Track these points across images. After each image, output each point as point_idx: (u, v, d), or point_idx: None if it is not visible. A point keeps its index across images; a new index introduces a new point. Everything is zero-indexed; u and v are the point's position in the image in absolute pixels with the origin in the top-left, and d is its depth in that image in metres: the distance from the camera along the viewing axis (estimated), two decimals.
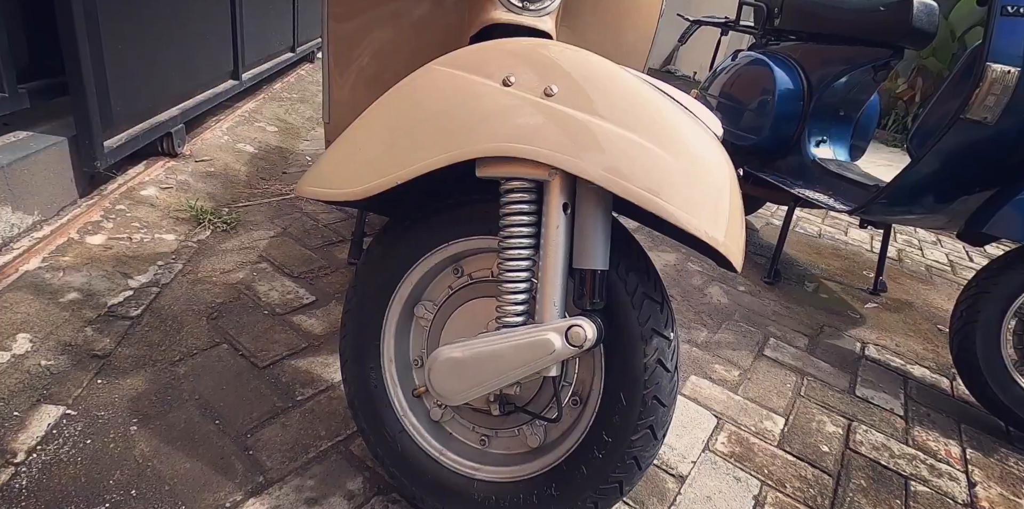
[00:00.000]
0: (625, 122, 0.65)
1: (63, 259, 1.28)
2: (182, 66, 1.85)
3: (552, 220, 0.69)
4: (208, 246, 1.48)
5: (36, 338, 1.07)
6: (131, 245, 1.39)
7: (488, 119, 0.68)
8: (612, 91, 0.68)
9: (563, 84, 0.68)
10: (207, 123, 2.21)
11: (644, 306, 0.73)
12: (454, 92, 0.70)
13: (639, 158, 0.64)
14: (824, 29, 2.10)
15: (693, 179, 0.65)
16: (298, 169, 2.09)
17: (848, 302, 2.03)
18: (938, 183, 1.61)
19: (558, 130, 0.66)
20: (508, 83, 0.69)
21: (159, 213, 1.55)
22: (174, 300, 1.27)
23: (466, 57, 0.73)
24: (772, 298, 1.92)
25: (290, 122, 2.56)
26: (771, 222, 2.69)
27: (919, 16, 1.81)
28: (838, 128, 2.15)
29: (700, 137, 0.68)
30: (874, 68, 2.01)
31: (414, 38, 1.00)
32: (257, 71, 2.53)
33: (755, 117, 2.16)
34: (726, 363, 1.49)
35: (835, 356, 1.64)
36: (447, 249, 0.83)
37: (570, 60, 0.70)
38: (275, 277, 1.42)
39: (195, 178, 1.79)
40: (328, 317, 1.32)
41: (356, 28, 1.01)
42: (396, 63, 1.01)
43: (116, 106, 1.50)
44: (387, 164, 0.71)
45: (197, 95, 1.98)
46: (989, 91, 1.44)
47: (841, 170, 2.00)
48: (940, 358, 1.75)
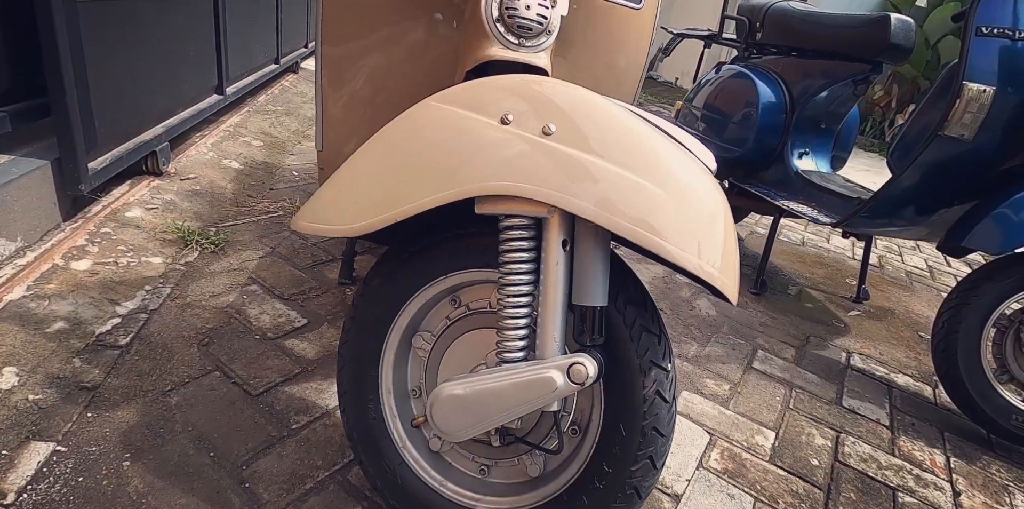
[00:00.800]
0: (622, 161, 0.66)
1: (48, 287, 1.26)
2: (166, 83, 1.83)
3: (551, 257, 0.70)
4: (196, 268, 1.47)
5: (23, 371, 1.05)
6: (117, 270, 1.37)
7: (487, 157, 0.68)
8: (609, 129, 0.69)
9: (561, 123, 0.69)
10: (192, 139, 2.19)
11: (642, 339, 0.74)
12: (452, 129, 0.71)
13: (636, 196, 0.65)
14: (805, 44, 2.14)
15: (688, 216, 0.66)
16: (285, 185, 2.07)
17: (832, 311, 2.07)
18: (918, 197, 1.65)
19: (557, 169, 0.66)
20: (506, 121, 0.70)
21: (145, 235, 1.53)
22: (163, 327, 1.25)
23: (464, 94, 0.73)
24: (759, 309, 1.95)
25: (275, 136, 2.54)
26: (756, 231, 2.73)
27: (896, 32, 1.85)
28: (820, 140, 2.19)
29: (694, 173, 0.70)
30: (854, 82, 2.05)
31: (408, 64, 1.00)
32: (242, 84, 2.51)
33: (739, 129, 2.19)
34: (716, 377, 1.51)
35: (822, 367, 1.67)
36: (445, 281, 0.84)
37: (567, 98, 0.71)
38: (265, 300, 1.41)
39: (181, 197, 1.77)
40: (320, 340, 1.31)
41: (350, 53, 1.00)
42: (390, 89, 1.02)
43: (100, 127, 1.48)
44: (385, 201, 0.71)
45: (181, 112, 1.96)
46: (966, 109, 1.48)
47: (823, 182, 2.04)
48: (923, 366, 1.79)
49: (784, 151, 2.16)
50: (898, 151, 1.71)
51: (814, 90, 2.10)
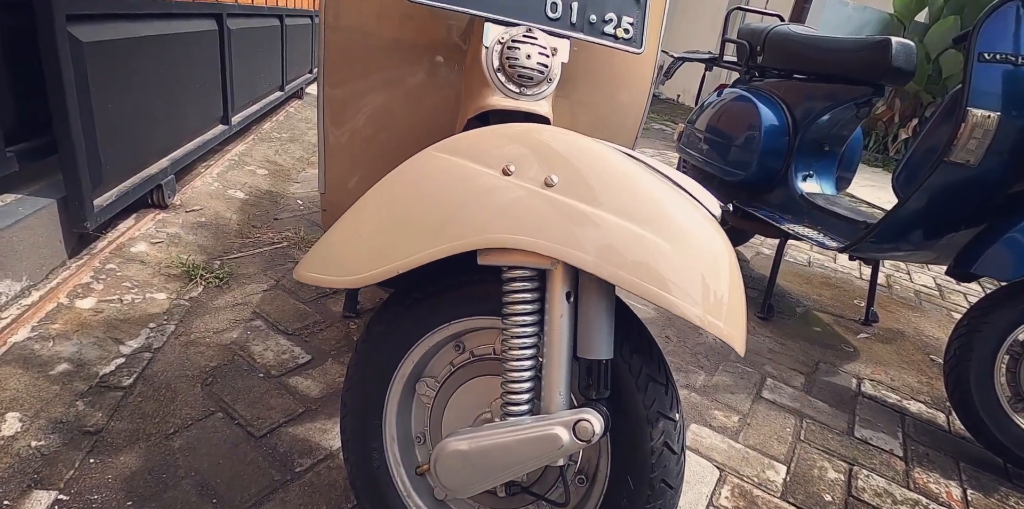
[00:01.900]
0: (625, 212, 0.66)
1: (53, 327, 1.26)
2: (171, 116, 1.85)
3: (555, 309, 0.69)
4: (200, 304, 1.47)
5: (26, 417, 1.05)
6: (122, 307, 1.37)
7: (489, 209, 0.68)
8: (611, 179, 0.68)
9: (563, 174, 0.68)
10: (197, 169, 2.20)
11: (649, 389, 0.73)
12: (454, 180, 0.71)
13: (638, 249, 0.64)
14: (806, 68, 2.14)
15: (692, 267, 0.65)
16: (289, 214, 2.08)
17: (841, 334, 2.04)
18: (925, 221, 1.64)
19: (559, 221, 0.66)
20: (508, 172, 0.69)
21: (150, 270, 1.53)
22: (167, 366, 1.25)
23: (465, 144, 0.73)
24: (767, 334, 1.93)
25: (280, 163, 2.56)
26: (761, 251, 2.72)
27: (898, 56, 1.85)
28: (824, 162, 2.19)
29: (697, 222, 0.69)
30: (856, 105, 2.05)
31: (410, 107, 1.01)
32: (247, 113, 2.53)
33: (742, 152, 2.19)
34: (725, 408, 1.48)
35: (832, 394, 1.64)
36: (449, 328, 0.83)
37: (568, 147, 0.71)
38: (269, 335, 1.40)
39: (186, 230, 1.77)
40: (324, 377, 1.30)
41: (352, 95, 1.01)
42: (392, 131, 1.02)
43: (106, 163, 1.49)
44: (387, 253, 0.71)
45: (187, 144, 1.97)
46: (971, 135, 1.47)
47: (829, 205, 2.03)
48: (935, 391, 1.76)
49: (788, 174, 2.15)
50: (903, 175, 1.70)
51: (816, 113, 2.10)
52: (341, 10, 0.95)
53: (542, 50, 0.76)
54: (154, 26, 1.68)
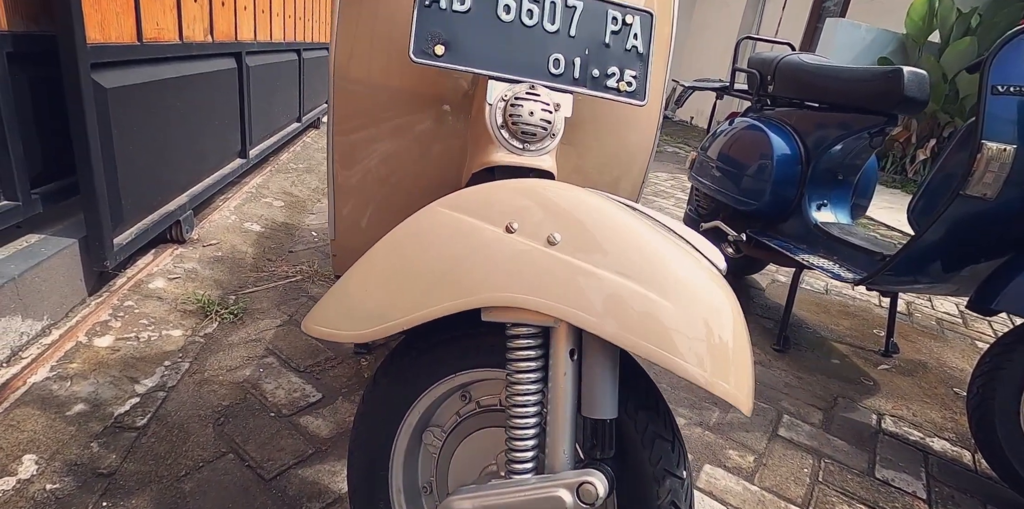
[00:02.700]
0: (627, 271, 0.66)
1: (71, 366, 1.28)
2: (191, 152, 1.90)
3: (559, 367, 0.69)
4: (215, 340, 1.48)
5: (42, 459, 1.06)
6: (138, 345, 1.39)
7: (492, 268, 0.68)
8: (613, 237, 0.69)
9: (565, 232, 0.69)
10: (215, 203, 2.25)
11: (655, 446, 0.72)
12: (457, 237, 0.71)
13: (641, 309, 0.64)
14: (817, 97, 2.14)
15: (695, 327, 0.65)
16: (303, 247, 2.11)
17: (860, 367, 2.00)
18: (943, 254, 1.61)
19: (561, 281, 0.66)
20: (511, 229, 0.70)
21: (167, 307, 1.56)
22: (180, 405, 1.26)
23: (469, 200, 0.74)
24: (783, 367, 1.89)
25: (296, 195, 2.60)
26: (777, 279, 2.69)
27: (910, 85, 1.84)
28: (838, 192, 2.17)
29: (701, 279, 0.69)
30: (870, 134, 2.03)
31: (418, 154, 1.02)
32: (264, 146, 2.59)
33: (754, 182, 2.18)
34: (740, 447, 1.46)
35: (851, 432, 1.60)
36: (455, 379, 0.83)
37: (571, 204, 0.71)
38: (281, 373, 1.41)
39: (202, 265, 1.81)
40: (335, 416, 1.31)
41: (360, 142, 1.03)
42: (401, 179, 1.03)
43: (126, 203, 1.53)
44: (392, 309, 0.72)
45: (206, 179, 2.02)
46: (987, 168, 1.45)
47: (844, 235, 2.00)
48: (960, 427, 1.71)
49: (802, 203, 2.13)
50: (919, 207, 1.68)
51: (829, 142, 2.09)
52: (351, 61, 0.98)
53: (545, 106, 0.78)
54: (175, 68, 1.74)
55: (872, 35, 5.30)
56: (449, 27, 0.75)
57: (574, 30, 0.80)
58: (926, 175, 1.69)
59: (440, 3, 0.75)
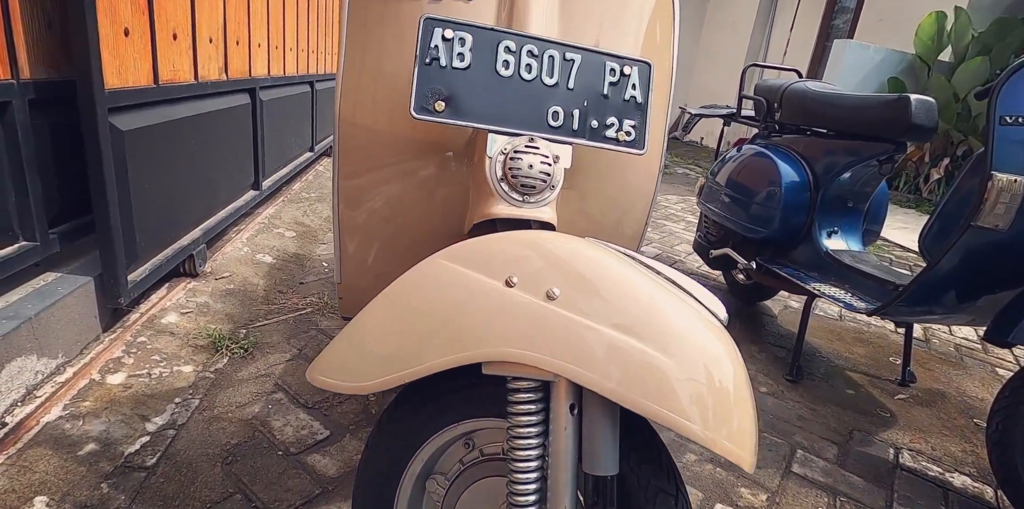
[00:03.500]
0: (626, 326, 0.66)
1: (84, 405, 1.30)
2: (204, 187, 1.94)
3: (559, 422, 0.69)
4: (225, 375, 1.50)
5: (53, 501, 1.07)
6: (150, 382, 1.41)
7: (492, 322, 0.69)
8: (613, 291, 0.69)
9: (564, 286, 0.69)
10: (228, 235, 2.29)
11: (658, 501, 0.71)
12: (458, 291, 0.72)
13: (640, 365, 0.64)
14: (825, 125, 2.14)
15: (696, 384, 0.65)
16: (314, 278, 2.13)
17: (876, 397, 1.96)
18: (957, 285, 1.59)
19: (560, 336, 0.66)
20: (511, 283, 0.71)
21: (179, 342, 1.58)
22: (190, 443, 1.27)
23: (469, 252, 0.75)
24: (796, 399, 1.86)
25: (308, 225, 2.64)
26: (789, 305, 2.66)
27: (918, 113, 1.83)
28: (848, 219, 2.15)
29: (702, 334, 0.69)
30: (879, 162, 2.02)
31: (422, 198, 1.04)
32: (277, 177, 2.64)
33: (763, 209, 2.17)
34: (752, 485, 1.43)
35: (868, 467, 1.57)
36: (458, 427, 0.83)
37: (571, 257, 0.72)
38: (290, 409, 1.42)
39: (214, 298, 1.83)
40: (342, 454, 1.31)
41: (365, 186, 1.04)
42: (405, 223, 1.05)
43: (140, 240, 1.56)
44: (394, 362, 0.72)
45: (219, 212, 2.06)
46: (997, 200, 1.44)
47: (856, 263, 1.98)
48: (980, 461, 1.67)
49: (812, 230, 2.12)
50: (930, 237, 1.66)
51: (838, 169, 2.08)
52: (356, 108, 1.00)
53: (544, 159, 0.79)
54: (190, 107, 1.79)
55: (881, 56, 5.30)
56: (449, 84, 0.77)
57: (572, 83, 0.81)
58: (937, 204, 1.67)
59: (440, 61, 0.77)
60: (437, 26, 0.77)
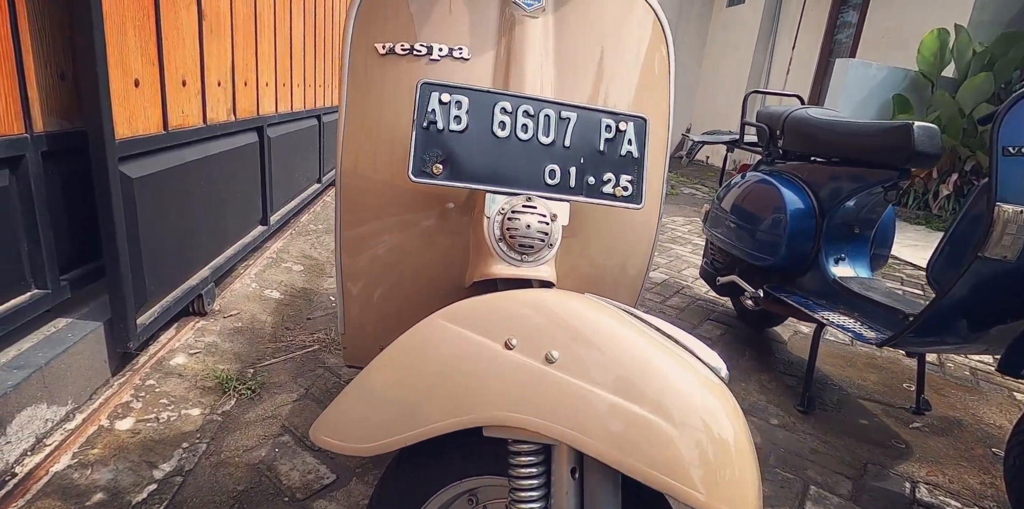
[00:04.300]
0: (626, 390, 0.66)
1: (92, 452, 1.30)
2: (213, 226, 1.97)
3: (560, 486, 0.69)
4: (232, 418, 1.50)
5: None
6: (158, 427, 1.42)
7: (491, 386, 0.69)
8: (612, 353, 0.69)
9: (564, 349, 0.69)
10: (236, 270, 2.31)
11: None
12: (458, 353, 0.73)
13: (641, 433, 0.64)
14: (827, 153, 2.15)
15: (695, 449, 0.64)
16: (322, 313, 2.14)
17: (891, 427, 1.93)
18: (968, 315, 1.57)
19: (560, 401, 0.66)
20: (510, 346, 0.71)
21: (187, 384, 1.58)
22: (197, 490, 1.27)
23: (469, 313, 0.76)
24: (808, 431, 1.84)
25: (315, 258, 2.66)
26: (800, 331, 2.63)
27: (921, 140, 1.82)
28: (855, 245, 2.14)
29: (703, 395, 0.68)
30: (884, 188, 2.01)
31: (423, 248, 1.05)
32: (285, 211, 2.67)
33: (769, 237, 2.17)
34: None
35: (884, 503, 1.53)
36: (461, 485, 0.83)
37: (570, 318, 0.72)
38: (296, 452, 1.42)
39: (222, 337, 1.85)
40: (348, 499, 1.30)
41: (367, 236, 1.06)
42: (407, 273, 1.05)
43: (150, 283, 1.58)
44: (395, 425, 0.73)
45: (227, 250, 2.08)
46: (1004, 231, 1.43)
47: (864, 290, 1.96)
48: (1001, 494, 1.63)
49: (819, 258, 2.11)
50: (938, 267, 1.65)
51: (843, 197, 2.08)
52: (358, 160, 1.02)
53: (541, 218, 0.80)
54: (199, 149, 1.82)
55: (883, 74, 5.32)
56: (446, 146, 0.79)
57: (569, 140, 0.83)
58: (944, 233, 1.66)
59: (437, 124, 0.78)
60: (434, 90, 0.79)
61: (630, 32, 0.99)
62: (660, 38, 1.00)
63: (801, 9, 7.22)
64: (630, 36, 0.99)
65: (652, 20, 1.01)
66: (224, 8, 1.94)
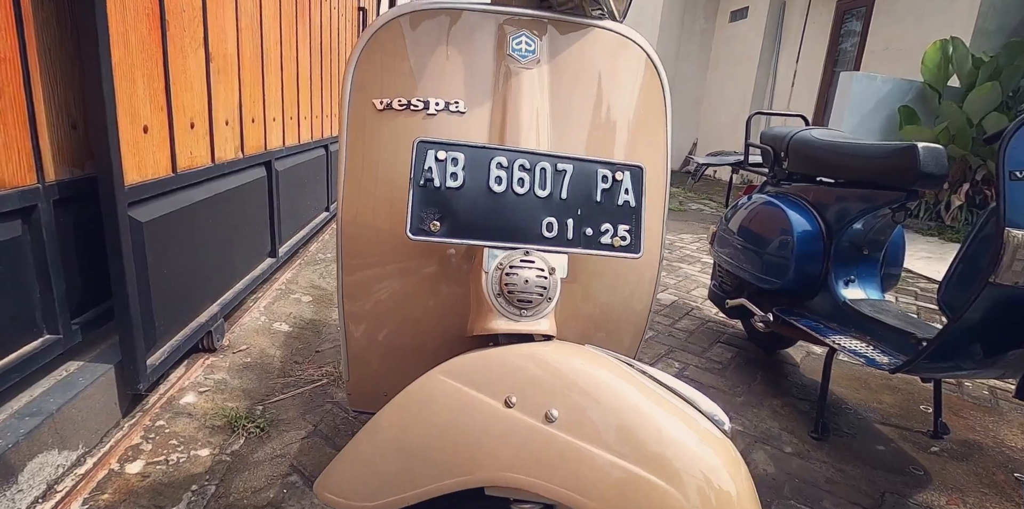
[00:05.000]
0: (625, 451, 0.66)
1: (102, 498, 1.31)
2: (222, 262, 1.99)
3: None
4: (241, 458, 1.50)
5: None
6: (167, 469, 1.42)
7: (492, 446, 0.69)
8: (612, 410, 0.69)
9: (563, 407, 0.70)
10: (246, 304, 2.33)
11: None
12: (458, 411, 0.73)
13: (641, 493, 0.64)
14: (832, 174, 2.14)
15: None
16: (330, 345, 2.15)
17: (908, 452, 1.89)
18: (982, 340, 1.54)
19: (559, 462, 0.66)
20: (510, 404, 0.71)
21: (196, 424, 1.59)
22: None
23: (469, 369, 0.76)
24: (823, 459, 1.81)
25: (324, 288, 2.68)
26: (812, 352, 2.60)
27: (926, 162, 1.81)
28: (865, 267, 2.12)
29: (704, 450, 0.68)
30: (891, 209, 2.00)
31: (424, 294, 1.05)
32: (293, 242, 2.70)
33: (777, 260, 2.16)
34: None
35: None
36: None
37: (569, 373, 0.73)
38: (304, 493, 1.41)
39: (232, 374, 1.86)
40: None
41: (369, 282, 1.06)
42: (410, 319, 1.06)
43: (159, 324, 1.60)
44: (397, 483, 0.73)
45: (236, 285, 2.11)
46: (1015, 257, 1.41)
47: (875, 313, 1.94)
48: None
49: (828, 280, 2.09)
50: (948, 292, 1.63)
51: (850, 218, 2.06)
52: (358, 210, 1.03)
53: (540, 273, 0.80)
54: (208, 188, 1.85)
55: (888, 86, 5.31)
56: (444, 203, 0.80)
57: (565, 193, 0.83)
58: (954, 258, 1.64)
59: (434, 182, 0.79)
60: (430, 148, 0.80)
61: (625, 78, 1.00)
62: (655, 82, 1.01)
63: (804, 22, 7.25)
64: (625, 82, 1.00)
65: (646, 64, 1.02)
66: (231, 49, 1.98)
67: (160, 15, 1.55)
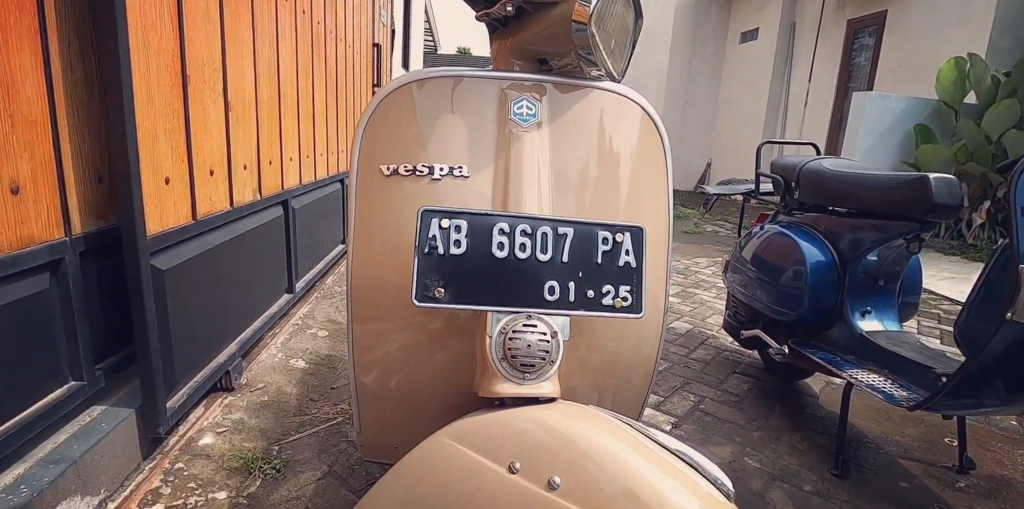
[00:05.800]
0: None
1: None
2: (240, 301, 2.03)
3: None
4: (257, 500, 1.52)
5: None
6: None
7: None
8: (615, 476, 0.70)
9: (566, 474, 0.71)
10: (263, 340, 2.37)
11: None
12: (462, 477, 0.75)
13: None
14: (844, 205, 2.13)
15: None
16: (345, 381, 2.18)
17: (933, 489, 1.85)
18: (1003, 377, 1.52)
19: None
20: (513, 470, 0.72)
21: (214, 466, 1.62)
22: None
23: (473, 433, 0.78)
24: (843, 497, 1.77)
25: (340, 322, 2.72)
26: (831, 381, 2.56)
27: (939, 192, 1.79)
28: (881, 297, 2.10)
29: None
30: (906, 240, 1.98)
31: (433, 347, 1.07)
32: (310, 276, 2.75)
33: (791, 291, 2.14)
34: None
35: None
36: None
37: (572, 436, 0.74)
38: None
39: (249, 413, 1.89)
40: None
41: (378, 334, 1.09)
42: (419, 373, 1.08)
43: (179, 367, 1.64)
44: None
45: (254, 322, 2.15)
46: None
47: (893, 346, 1.91)
48: None
49: (844, 311, 2.07)
50: (965, 327, 1.61)
51: (864, 249, 2.05)
52: (367, 263, 1.06)
53: (542, 337, 0.82)
54: (226, 231, 1.91)
55: (903, 105, 5.28)
56: (448, 270, 0.82)
57: (566, 256, 0.85)
58: (969, 293, 1.62)
59: (439, 250, 0.82)
60: (434, 216, 0.83)
61: (624, 137, 1.03)
62: (655, 139, 1.04)
63: (815, 42, 7.27)
64: (624, 141, 1.02)
65: (644, 122, 1.04)
66: (249, 96, 2.06)
67: (182, 71, 1.62)
